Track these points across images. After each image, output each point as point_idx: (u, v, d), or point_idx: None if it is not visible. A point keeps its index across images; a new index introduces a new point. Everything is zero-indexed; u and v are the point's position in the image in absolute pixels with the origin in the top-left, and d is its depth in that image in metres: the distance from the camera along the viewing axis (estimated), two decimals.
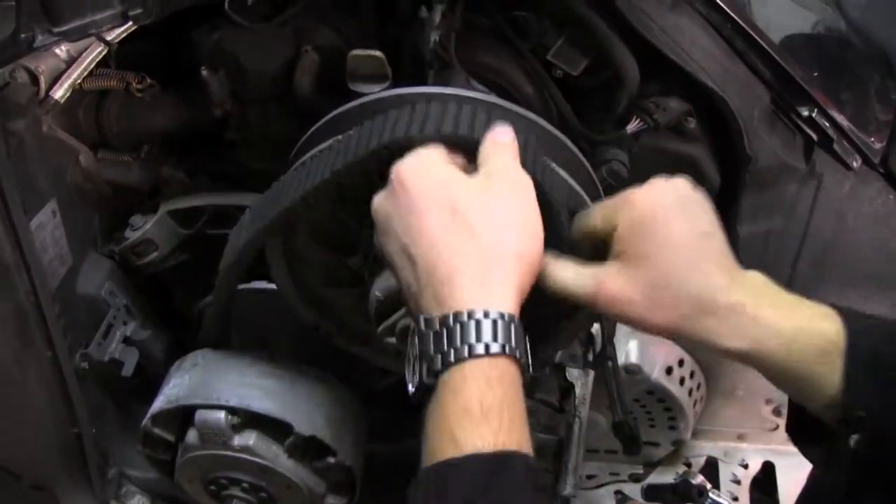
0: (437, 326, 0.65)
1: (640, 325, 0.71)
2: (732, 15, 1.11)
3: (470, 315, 0.64)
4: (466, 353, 0.63)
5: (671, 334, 0.71)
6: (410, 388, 0.67)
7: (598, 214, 0.76)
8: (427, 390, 0.65)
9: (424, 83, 1.06)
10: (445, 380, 0.63)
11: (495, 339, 0.63)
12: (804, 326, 0.68)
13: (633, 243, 0.71)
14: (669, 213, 0.70)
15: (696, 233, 0.71)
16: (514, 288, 0.67)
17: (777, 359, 0.67)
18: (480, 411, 0.61)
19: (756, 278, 0.71)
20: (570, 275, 0.73)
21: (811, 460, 0.78)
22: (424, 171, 0.71)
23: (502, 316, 0.65)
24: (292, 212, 0.93)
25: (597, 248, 0.76)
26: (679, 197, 0.72)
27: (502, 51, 1.12)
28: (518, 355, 0.65)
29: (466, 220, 0.68)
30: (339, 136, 0.90)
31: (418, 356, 0.66)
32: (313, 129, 0.99)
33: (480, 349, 0.63)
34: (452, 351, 0.63)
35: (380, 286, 0.95)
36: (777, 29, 1.26)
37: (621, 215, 0.72)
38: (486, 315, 0.64)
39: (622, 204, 0.73)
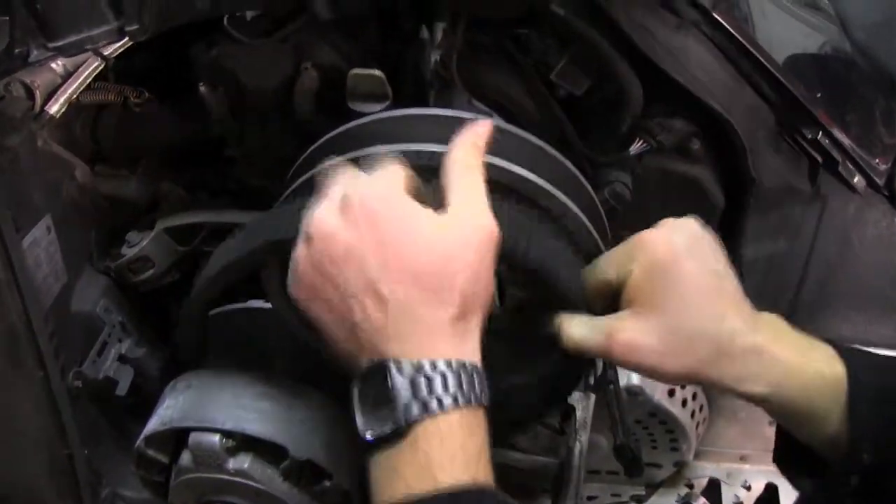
0: (413, 373, 0.62)
1: (657, 374, 0.70)
2: (737, 36, 1.10)
3: (448, 364, 0.62)
4: (450, 402, 0.61)
5: (689, 380, 0.70)
6: (369, 436, 0.63)
7: (611, 266, 0.74)
8: (392, 437, 0.62)
9: (426, 103, 1.05)
10: (425, 426, 0.61)
11: (473, 389, 0.62)
12: (822, 369, 0.67)
13: (646, 289, 0.70)
14: (681, 255, 0.69)
15: (710, 273, 0.69)
16: (478, 337, 0.67)
17: (796, 402, 0.67)
18: (464, 455, 0.60)
19: (772, 320, 0.70)
20: (584, 331, 0.73)
21: (801, 490, 0.77)
22: (392, 202, 0.65)
23: (475, 367, 0.64)
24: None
25: (611, 297, 0.75)
26: (690, 237, 0.71)
27: (505, 70, 1.11)
28: (485, 402, 0.64)
29: (441, 264, 0.64)
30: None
31: (382, 401, 0.62)
32: (311, 148, 0.98)
33: (463, 400, 0.61)
34: (435, 400, 0.61)
35: None
36: (779, 45, 1.25)
37: (638, 259, 0.71)
38: (463, 366, 0.63)
39: (637, 248, 0.72)
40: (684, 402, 1.38)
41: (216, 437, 1.05)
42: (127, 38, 1.01)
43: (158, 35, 1.02)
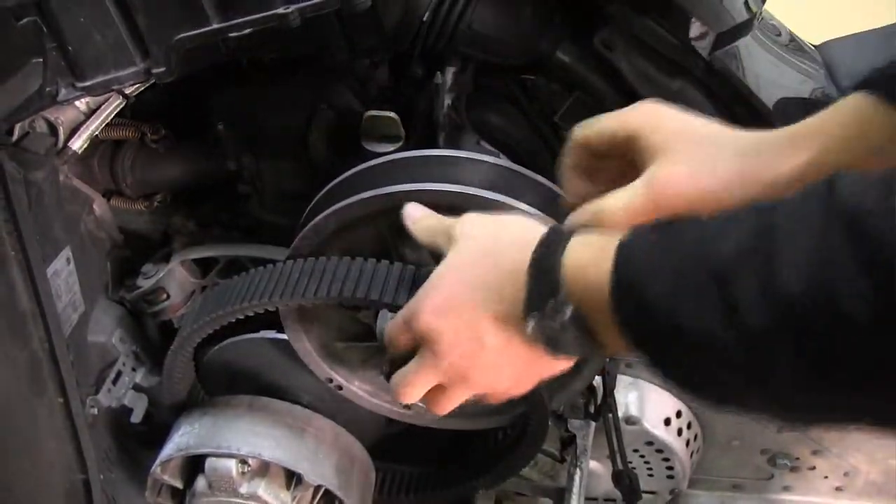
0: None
1: (706, 199, 0.65)
2: (731, 82, 1.16)
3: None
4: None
5: (733, 193, 0.66)
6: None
7: (612, 120, 0.75)
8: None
9: (435, 144, 1.10)
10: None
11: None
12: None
13: (658, 139, 0.69)
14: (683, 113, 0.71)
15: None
16: None
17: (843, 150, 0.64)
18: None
19: None
20: (624, 196, 0.70)
21: None
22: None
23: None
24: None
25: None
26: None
27: (511, 112, 1.16)
28: None
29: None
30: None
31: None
32: (326, 188, 1.02)
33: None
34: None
35: None
36: (769, 90, 1.30)
37: (642, 117, 0.72)
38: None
39: (636, 110, 0.73)
40: (679, 432, 1.41)
41: (233, 463, 1.08)
42: (154, 80, 1.06)
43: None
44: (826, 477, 1.53)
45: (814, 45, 1.49)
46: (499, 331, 0.65)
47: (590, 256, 0.59)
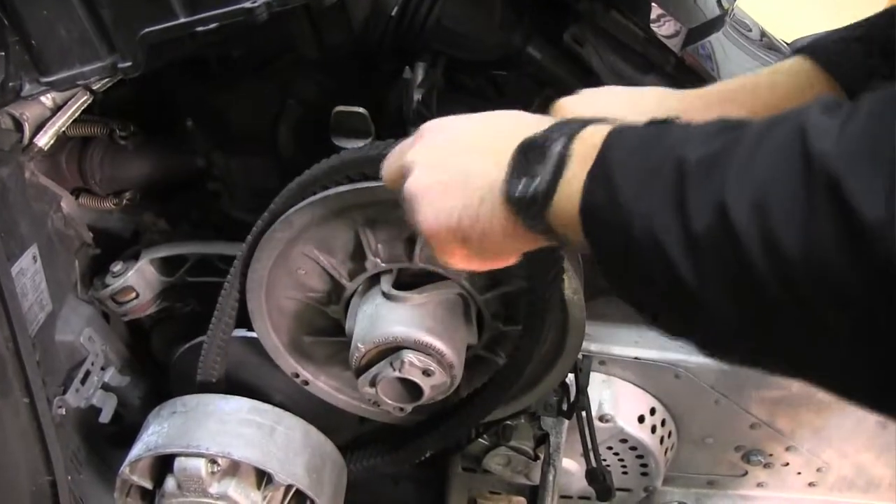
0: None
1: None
2: (703, 77, 1.16)
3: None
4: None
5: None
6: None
7: None
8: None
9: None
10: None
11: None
12: None
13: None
14: None
15: None
16: None
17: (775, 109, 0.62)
18: None
19: None
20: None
21: None
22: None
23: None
24: None
25: None
26: None
27: (483, 108, 1.15)
28: None
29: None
30: None
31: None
32: (295, 181, 1.01)
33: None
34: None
35: (361, 337, 0.97)
36: None
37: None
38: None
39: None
40: (653, 429, 1.41)
41: (202, 462, 1.07)
42: (120, 75, 1.05)
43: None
44: (799, 473, 1.54)
45: (786, 42, 1.50)
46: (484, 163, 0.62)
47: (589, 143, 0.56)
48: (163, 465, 1.13)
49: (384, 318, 0.97)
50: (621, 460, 1.45)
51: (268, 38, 1.06)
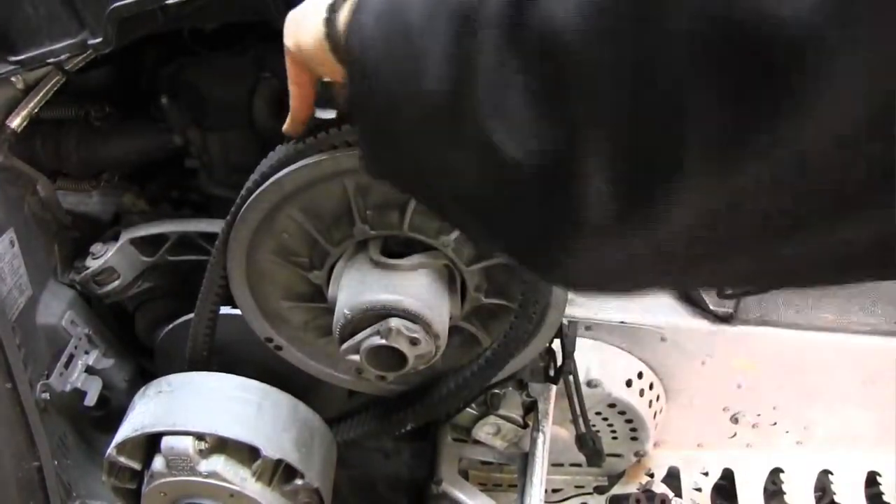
0: None
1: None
2: None
3: None
4: None
5: None
6: None
7: None
8: None
9: None
10: None
11: None
12: None
13: None
14: None
15: None
16: None
17: None
18: None
19: None
20: None
21: None
22: None
23: None
24: None
25: None
26: None
27: None
28: None
29: None
30: None
31: None
32: (270, 155, 0.99)
33: None
34: None
35: (347, 303, 0.96)
36: None
37: None
38: None
39: None
40: (642, 392, 1.42)
41: (189, 440, 1.06)
42: (90, 51, 1.03)
43: (119, 48, 1.04)
44: (787, 432, 1.55)
45: None
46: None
47: None
48: (150, 445, 1.12)
49: (372, 285, 0.97)
50: (611, 425, 1.45)
51: (241, 10, 1.04)
